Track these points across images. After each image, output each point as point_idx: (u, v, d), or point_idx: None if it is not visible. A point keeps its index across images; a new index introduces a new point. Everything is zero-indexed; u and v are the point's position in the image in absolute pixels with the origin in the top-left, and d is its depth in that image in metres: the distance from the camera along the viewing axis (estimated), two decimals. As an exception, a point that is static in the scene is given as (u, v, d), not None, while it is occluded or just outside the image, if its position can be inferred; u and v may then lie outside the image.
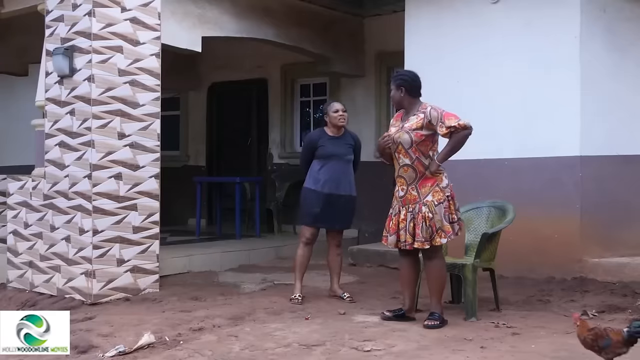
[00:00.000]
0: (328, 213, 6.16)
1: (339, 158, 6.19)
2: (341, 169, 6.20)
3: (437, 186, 5.12)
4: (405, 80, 5.30)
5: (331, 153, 6.16)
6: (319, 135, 6.29)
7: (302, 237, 6.30)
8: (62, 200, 6.80)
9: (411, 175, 5.16)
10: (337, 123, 6.23)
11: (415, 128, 5.16)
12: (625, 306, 5.65)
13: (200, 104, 11.84)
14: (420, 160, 5.15)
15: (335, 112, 6.22)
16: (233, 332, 5.15)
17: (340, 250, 6.40)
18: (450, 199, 5.16)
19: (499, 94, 7.10)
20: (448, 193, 5.15)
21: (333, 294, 6.33)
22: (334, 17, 9.50)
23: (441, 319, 5.15)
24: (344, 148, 6.23)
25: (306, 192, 6.23)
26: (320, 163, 6.18)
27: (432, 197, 5.10)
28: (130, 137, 6.76)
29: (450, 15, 7.45)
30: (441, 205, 5.09)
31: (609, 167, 6.79)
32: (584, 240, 6.67)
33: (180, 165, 11.69)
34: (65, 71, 6.68)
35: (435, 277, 5.23)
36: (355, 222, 9.71)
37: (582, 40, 6.68)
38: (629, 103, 6.89)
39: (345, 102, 10.11)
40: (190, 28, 7.59)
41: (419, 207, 5.12)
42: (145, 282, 6.83)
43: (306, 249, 6.25)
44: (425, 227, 5.08)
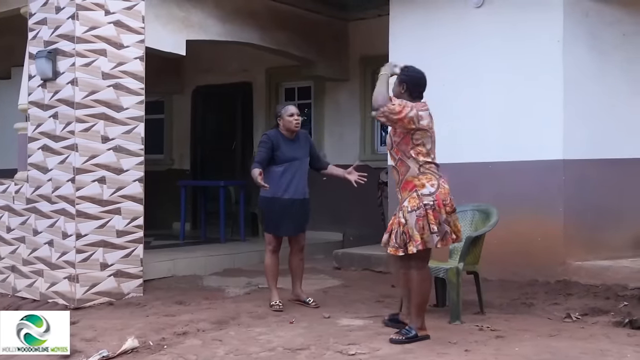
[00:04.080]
0: (291, 219, 6.11)
1: (300, 161, 6.14)
2: (300, 173, 6.14)
3: (415, 192, 4.82)
4: (410, 77, 5.03)
5: (292, 157, 6.10)
6: (276, 136, 6.14)
7: (269, 246, 6.20)
8: (45, 204, 6.76)
9: (395, 177, 5.01)
10: (292, 127, 6.14)
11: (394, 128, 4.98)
12: (608, 309, 5.68)
13: (184, 108, 11.81)
14: (402, 161, 4.90)
15: (291, 116, 6.13)
16: (217, 336, 5.13)
17: (302, 254, 6.35)
18: (431, 209, 4.78)
19: (483, 98, 7.13)
20: (427, 202, 4.78)
21: (296, 299, 6.28)
22: (318, 20, 9.51)
23: (413, 335, 4.82)
24: (301, 151, 6.18)
25: (267, 201, 6.11)
26: (281, 168, 6.06)
27: (407, 203, 4.84)
28: (114, 140, 6.73)
29: (435, 19, 7.48)
30: (413, 213, 4.77)
31: (592, 171, 6.84)
32: (567, 243, 6.71)
33: (164, 169, 11.64)
34: (49, 74, 6.65)
35: (414, 289, 4.91)
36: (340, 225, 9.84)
37: (565, 44, 6.73)
38: (611, 107, 6.94)
39: (330, 105, 10.28)
40: (174, 31, 7.58)
41: (398, 212, 4.95)
42: (129, 287, 6.80)
43: (274, 257, 6.21)
44: (400, 233, 4.84)
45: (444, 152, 6.20)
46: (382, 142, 9.84)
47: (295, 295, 6.33)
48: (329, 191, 8.10)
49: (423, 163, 4.87)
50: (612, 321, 5.35)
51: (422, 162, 4.87)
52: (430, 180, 4.85)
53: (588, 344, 4.70)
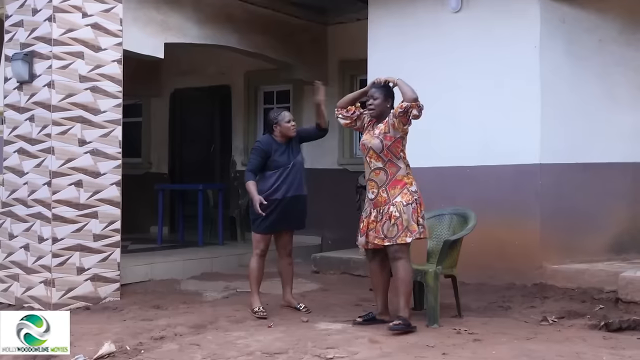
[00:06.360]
0: (287, 215, 6.05)
1: (294, 165, 6.09)
2: (294, 173, 6.08)
3: (406, 189, 5.32)
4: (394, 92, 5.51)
5: (286, 163, 6.05)
6: (270, 143, 6.09)
7: (256, 249, 6.13)
8: (21, 208, 6.70)
9: (382, 178, 5.35)
10: (289, 134, 6.11)
11: (384, 132, 5.37)
12: (584, 312, 5.73)
13: (162, 111, 11.75)
14: (392, 161, 5.35)
15: (288, 122, 6.10)
16: (195, 341, 5.11)
17: (291, 259, 6.33)
18: (419, 204, 5.33)
19: (461, 102, 7.17)
20: (416, 197, 5.32)
21: (287, 304, 6.26)
22: (297, 24, 9.51)
23: (408, 324, 5.20)
24: (295, 154, 6.15)
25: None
26: (273, 174, 6.02)
27: (401, 199, 5.28)
28: (91, 144, 6.68)
29: (413, 24, 7.51)
30: (409, 206, 5.26)
31: (569, 175, 6.89)
32: (543, 247, 6.76)
33: (142, 173, 11.59)
34: (25, 77, 6.59)
35: (401, 278, 5.28)
36: (319, 229, 9.83)
37: (542, 50, 6.79)
38: (588, 112, 7.00)
39: (309, 109, 10.25)
40: (152, 34, 7.55)
41: (388, 207, 5.28)
42: (106, 291, 6.75)
43: (261, 261, 6.13)
44: (390, 225, 5.23)
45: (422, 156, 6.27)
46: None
47: (286, 302, 6.29)
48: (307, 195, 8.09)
49: (408, 164, 5.43)
50: (588, 324, 5.40)
51: (407, 163, 5.43)
52: (413, 179, 5.41)
53: (564, 347, 4.74)
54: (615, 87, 7.08)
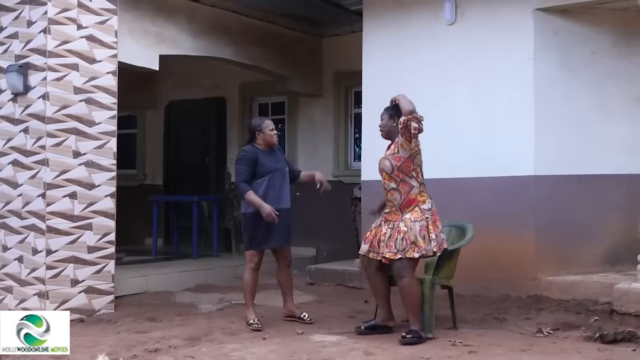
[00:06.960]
0: (274, 231, 6.03)
1: (280, 172, 6.12)
2: (280, 182, 6.11)
3: (418, 207, 5.37)
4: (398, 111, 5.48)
5: (274, 168, 6.09)
6: (255, 152, 6.09)
7: (250, 263, 6.09)
8: (15, 220, 6.68)
9: (396, 197, 5.41)
10: (272, 141, 6.15)
11: (393, 153, 5.45)
12: (579, 323, 5.73)
13: (157, 123, 11.75)
14: (404, 181, 5.40)
15: (272, 130, 6.15)
16: (189, 353, 5.08)
17: (290, 269, 6.33)
18: (431, 222, 5.36)
19: (455, 114, 7.20)
20: (428, 215, 5.36)
21: (290, 314, 6.24)
22: (292, 36, 9.54)
23: (419, 336, 5.25)
24: (280, 162, 6.19)
25: (254, 217, 5.99)
26: (263, 181, 6.01)
27: (410, 215, 5.35)
28: (86, 155, 6.68)
29: (407, 36, 7.54)
30: (417, 223, 5.30)
31: (563, 187, 6.91)
32: (538, 258, 6.77)
33: (136, 184, 11.57)
34: (19, 89, 6.59)
35: (408, 294, 5.34)
36: (314, 241, 9.83)
37: (535, 62, 6.82)
38: (582, 123, 7.03)
39: (304, 121, 10.29)
40: (147, 46, 7.56)
41: (398, 223, 5.35)
42: (100, 303, 6.73)
43: (255, 274, 6.12)
44: (400, 240, 5.28)
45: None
46: (355, 157, 9.87)
47: (288, 311, 6.27)
48: (302, 206, 8.09)
49: (422, 182, 5.47)
50: (583, 336, 5.39)
51: (421, 181, 5.47)
52: (427, 198, 5.46)
53: (559, 359, 4.74)
54: (608, 99, 7.11)
